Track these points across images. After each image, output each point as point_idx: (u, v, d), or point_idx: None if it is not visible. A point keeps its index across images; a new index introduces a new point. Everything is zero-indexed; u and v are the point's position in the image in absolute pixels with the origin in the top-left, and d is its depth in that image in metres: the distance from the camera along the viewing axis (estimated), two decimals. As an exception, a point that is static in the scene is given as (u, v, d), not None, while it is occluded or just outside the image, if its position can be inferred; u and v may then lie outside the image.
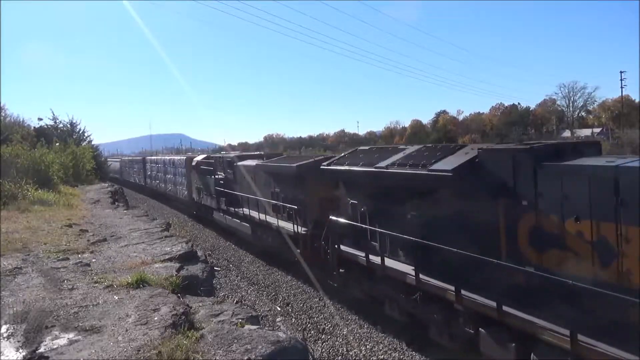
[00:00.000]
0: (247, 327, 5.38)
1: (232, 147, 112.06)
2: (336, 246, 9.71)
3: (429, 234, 7.14)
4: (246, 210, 15.61)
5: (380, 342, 8.36)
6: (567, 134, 78.44)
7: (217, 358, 4.47)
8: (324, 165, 10.51)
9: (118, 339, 4.90)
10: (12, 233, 11.34)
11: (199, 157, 22.59)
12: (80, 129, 51.12)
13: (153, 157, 37.23)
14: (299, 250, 11.72)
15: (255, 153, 20.13)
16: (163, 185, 30.78)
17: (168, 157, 30.33)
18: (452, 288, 6.53)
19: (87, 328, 5.27)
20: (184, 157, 26.07)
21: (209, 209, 20.45)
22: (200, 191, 21.52)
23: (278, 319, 9.79)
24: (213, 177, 19.23)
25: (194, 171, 22.19)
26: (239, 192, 16.81)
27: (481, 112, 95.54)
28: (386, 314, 8.80)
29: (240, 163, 17.19)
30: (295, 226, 11.93)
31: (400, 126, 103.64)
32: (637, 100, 74.34)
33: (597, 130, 77.04)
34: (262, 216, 14.15)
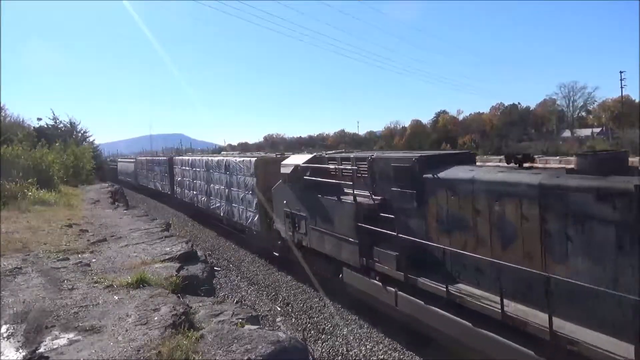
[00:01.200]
0: (247, 327, 5.39)
1: (232, 147, 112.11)
2: None
3: None
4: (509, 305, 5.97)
5: (380, 342, 8.37)
6: (567, 134, 78.47)
7: (217, 358, 4.47)
8: None
9: (118, 339, 4.91)
10: (12, 233, 11.35)
11: (296, 159, 12.14)
12: (81, 129, 51.39)
13: (186, 158, 25.95)
14: None
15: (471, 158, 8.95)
16: (205, 199, 20.89)
17: (216, 158, 19.99)
18: None
19: (87, 328, 5.27)
20: (250, 158, 15.78)
21: (329, 262, 10.32)
22: (298, 223, 11.35)
23: (278, 319, 9.80)
24: (348, 202, 9.21)
25: (287, 185, 11.87)
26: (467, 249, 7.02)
27: (481, 112, 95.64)
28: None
29: (455, 175, 7.47)
30: None
31: (400, 126, 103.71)
32: (637, 100, 74.34)
33: (597, 130, 77.09)
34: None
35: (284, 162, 12.56)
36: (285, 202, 11.99)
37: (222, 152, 37.70)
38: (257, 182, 14.74)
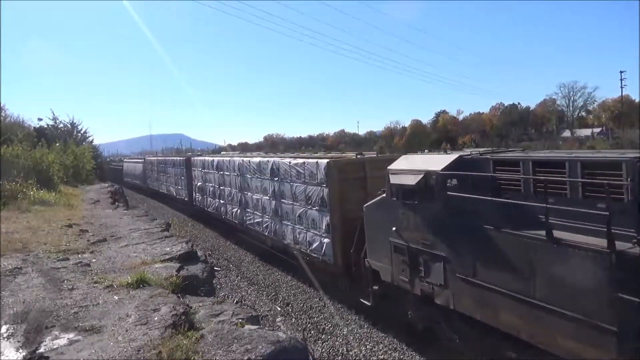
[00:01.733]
0: (247, 327, 5.39)
1: (232, 147, 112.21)
2: None
3: None
4: None
5: (380, 342, 8.37)
6: (567, 134, 78.55)
7: (217, 358, 4.47)
8: None
9: (118, 339, 4.91)
10: (12, 233, 11.35)
11: (423, 162, 7.70)
12: (82, 129, 51.45)
13: (209, 158, 20.44)
14: None
15: None
16: (237, 210, 16.75)
17: (255, 159, 15.23)
18: None
19: (87, 328, 5.27)
20: (318, 160, 11.20)
21: (498, 338, 6.25)
22: (427, 264, 7.27)
23: (278, 319, 9.80)
24: (589, 249, 4.81)
25: (400, 202, 7.75)
26: None
27: (481, 112, 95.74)
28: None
29: None
30: None
31: (400, 126, 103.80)
32: (637, 100, 74.39)
33: (597, 130, 77.15)
34: None
35: (396, 165, 8.08)
36: (394, 228, 7.86)
37: (222, 152, 37.51)
38: (331, 193, 10.43)
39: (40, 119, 46.13)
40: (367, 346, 8.28)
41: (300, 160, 11.99)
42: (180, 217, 25.11)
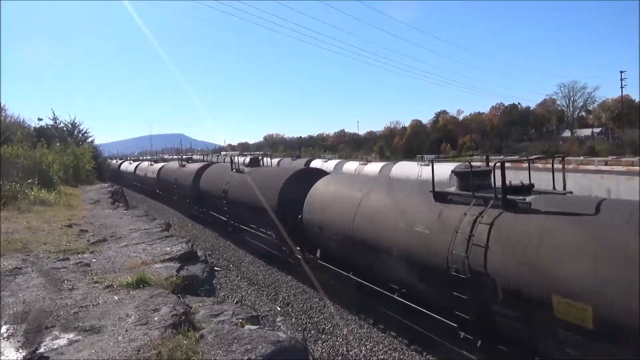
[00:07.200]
0: (247, 327, 5.39)
1: (232, 147, 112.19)
2: None
3: None
4: None
5: (380, 342, 8.37)
6: (567, 134, 78.52)
7: (217, 358, 4.47)
8: None
9: (118, 339, 4.91)
10: (12, 233, 11.33)
11: None
12: (82, 129, 51.33)
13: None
14: None
15: None
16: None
17: None
18: None
19: (87, 328, 5.27)
20: None
21: None
22: None
23: (278, 319, 9.80)
24: None
25: None
26: None
27: (481, 112, 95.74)
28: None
29: None
30: None
31: (400, 126, 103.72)
32: (637, 100, 74.40)
33: (597, 130, 77.14)
34: None
35: None
36: None
37: (222, 152, 37.45)
38: None
39: (40, 119, 45.98)
40: (367, 346, 8.28)
41: None
42: (180, 217, 25.13)
